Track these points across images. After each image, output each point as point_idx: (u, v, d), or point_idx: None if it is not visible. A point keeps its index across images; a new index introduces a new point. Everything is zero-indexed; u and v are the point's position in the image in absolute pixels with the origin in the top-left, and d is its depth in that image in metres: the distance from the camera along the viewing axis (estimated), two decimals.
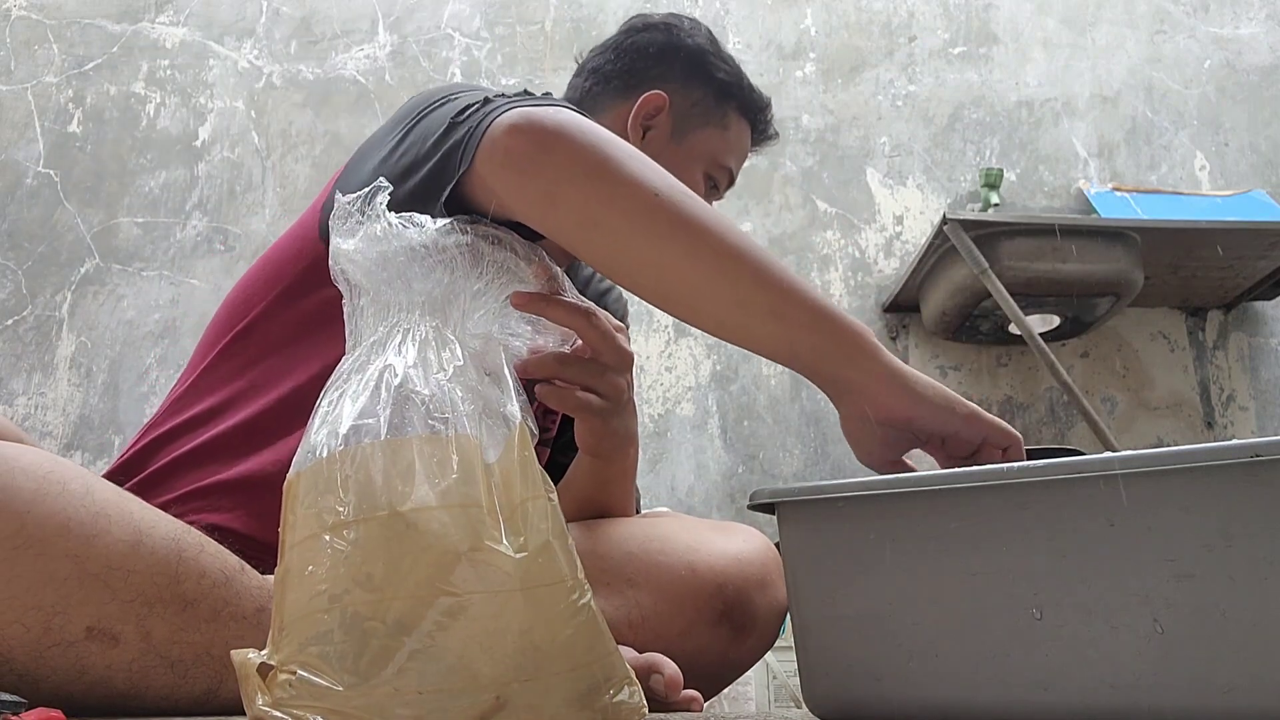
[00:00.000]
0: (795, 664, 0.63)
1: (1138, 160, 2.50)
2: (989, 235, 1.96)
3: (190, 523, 0.69)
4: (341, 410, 0.52)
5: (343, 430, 0.51)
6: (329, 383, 0.54)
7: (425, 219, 0.60)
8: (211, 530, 0.70)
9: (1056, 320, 2.14)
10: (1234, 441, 0.47)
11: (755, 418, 2.25)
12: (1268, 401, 2.36)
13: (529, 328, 0.66)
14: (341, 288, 0.59)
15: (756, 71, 2.50)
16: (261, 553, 0.70)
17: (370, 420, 0.51)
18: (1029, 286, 1.98)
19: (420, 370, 0.54)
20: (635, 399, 0.86)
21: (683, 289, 0.66)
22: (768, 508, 0.63)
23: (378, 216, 0.59)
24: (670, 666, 0.73)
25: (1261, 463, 0.46)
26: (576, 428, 0.79)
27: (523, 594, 0.48)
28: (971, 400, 0.67)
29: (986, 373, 2.32)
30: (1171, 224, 2.06)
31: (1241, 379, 2.37)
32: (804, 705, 0.62)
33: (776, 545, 0.80)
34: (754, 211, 2.40)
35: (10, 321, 2.22)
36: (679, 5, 2.54)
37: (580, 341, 0.71)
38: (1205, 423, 2.33)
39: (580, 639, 0.51)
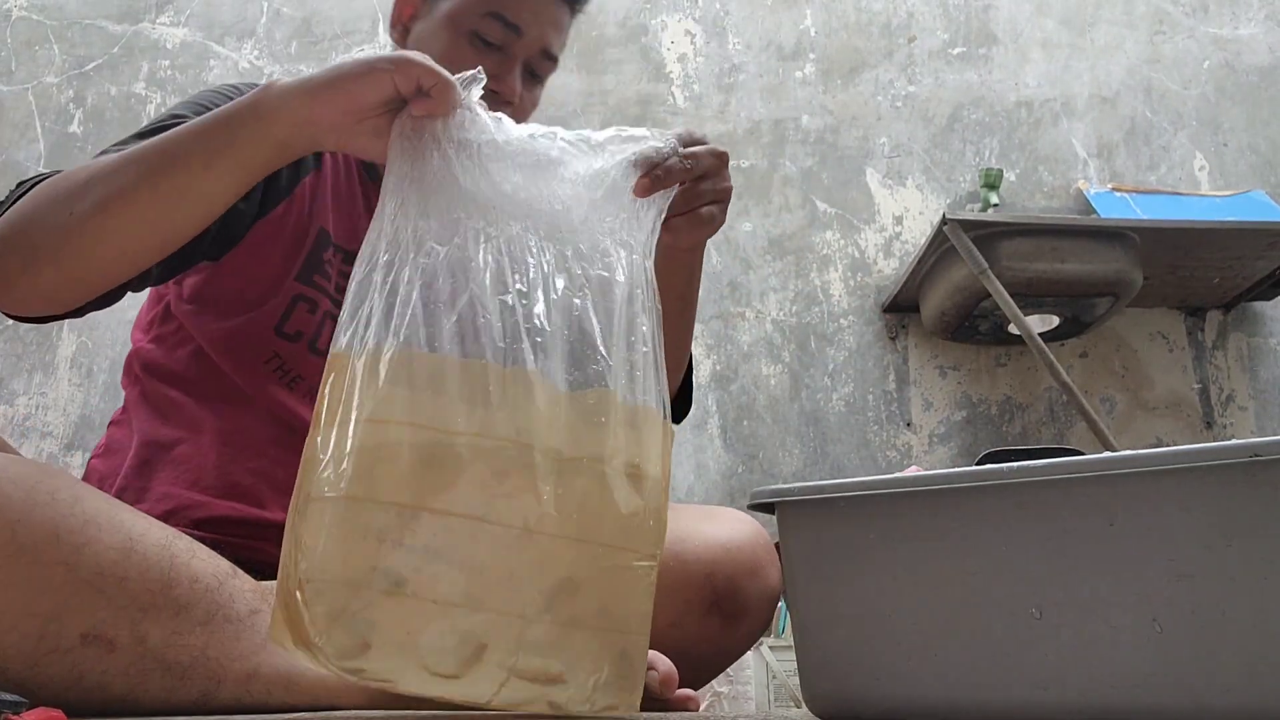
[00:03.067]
0: (795, 664, 0.63)
1: (1137, 160, 2.50)
2: (988, 235, 1.96)
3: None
4: (410, 308, 0.56)
5: (415, 333, 0.55)
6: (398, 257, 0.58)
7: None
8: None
9: (1056, 320, 2.14)
10: (1233, 442, 0.48)
11: (755, 417, 2.25)
12: (1267, 402, 2.36)
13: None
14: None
15: (757, 73, 2.50)
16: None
17: (449, 328, 0.56)
18: (1028, 287, 1.99)
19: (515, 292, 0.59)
20: None
21: (145, 233, 0.68)
22: (768, 508, 0.63)
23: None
24: (665, 663, 0.73)
25: (1261, 463, 0.47)
26: (682, 240, 0.76)
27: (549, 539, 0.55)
28: (971, 400, 0.67)
29: (986, 373, 2.32)
30: (1171, 224, 2.06)
31: (1241, 379, 2.37)
32: (804, 705, 0.62)
33: (777, 545, 0.80)
34: (754, 212, 2.40)
35: (11, 321, 2.22)
36: (678, 5, 2.54)
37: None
38: (1204, 423, 2.33)
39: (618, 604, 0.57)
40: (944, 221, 1.94)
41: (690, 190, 0.72)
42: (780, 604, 1.91)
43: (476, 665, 0.53)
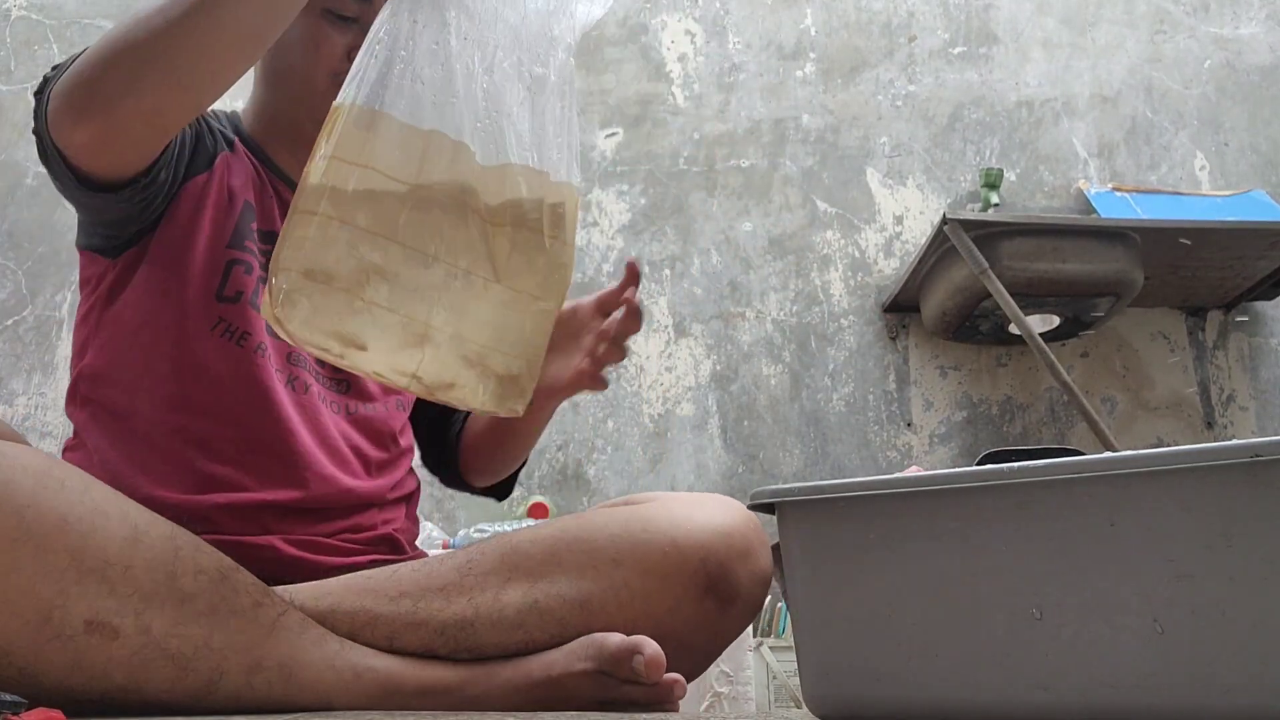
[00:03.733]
0: (795, 664, 0.63)
1: (1138, 160, 2.50)
2: (989, 235, 1.96)
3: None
4: (409, 74, 0.72)
5: (388, 99, 0.72)
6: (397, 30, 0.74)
7: None
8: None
9: (1056, 320, 2.14)
10: (1234, 442, 0.48)
11: (755, 417, 2.25)
12: (1267, 402, 2.36)
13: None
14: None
15: (757, 72, 2.50)
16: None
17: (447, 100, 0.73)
18: (1029, 286, 1.99)
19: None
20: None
21: (238, 31, 0.76)
22: (768, 508, 0.63)
23: None
24: (651, 646, 0.74)
25: (1261, 463, 0.46)
26: (582, 384, 0.93)
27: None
28: (972, 400, 0.67)
29: (986, 373, 2.32)
30: (1171, 224, 2.06)
31: (1241, 379, 2.37)
32: (804, 705, 0.62)
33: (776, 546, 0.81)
34: (754, 212, 2.40)
35: (10, 321, 2.22)
36: (679, 5, 2.54)
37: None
38: (1205, 423, 2.33)
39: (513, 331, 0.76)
40: (944, 221, 1.94)
41: (614, 348, 0.90)
42: (780, 604, 1.91)
43: (411, 350, 0.73)
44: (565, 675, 0.76)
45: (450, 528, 2.03)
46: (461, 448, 1.07)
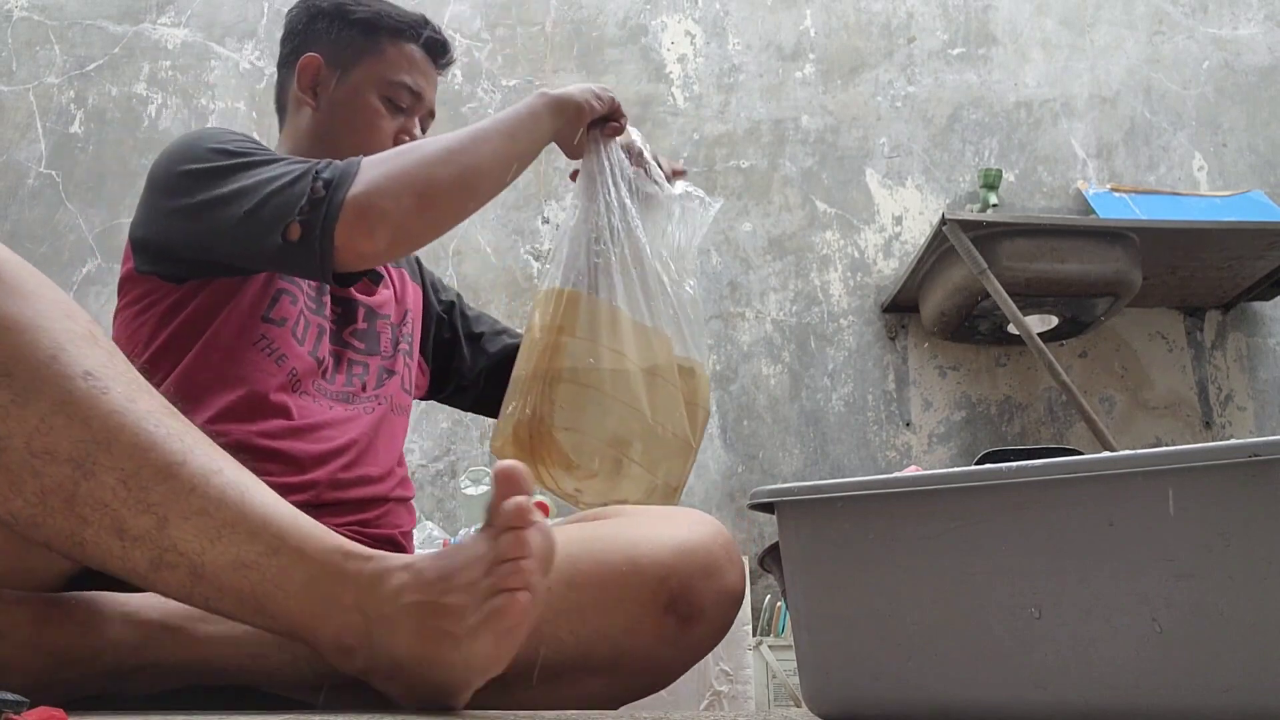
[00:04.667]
0: (795, 664, 0.63)
1: (1136, 161, 2.50)
2: (988, 236, 1.96)
3: None
4: (624, 274, 1.03)
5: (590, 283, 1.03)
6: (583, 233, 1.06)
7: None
8: None
9: (1055, 320, 2.14)
10: (1232, 442, 0.48)
11: (755, 417, 2.25)
12: (1266, 401, 2.36)
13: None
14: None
15: (757, 73, 2.50)
16: None
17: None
18: (1028, 287, 1.99)
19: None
20: None
21: (476, 179, 0.98)
22: (768, 507, 0.63)
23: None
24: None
25: (1260, 463, 0.47)
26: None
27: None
28: (970, 400, 0.68)
29: (985, 373, 2.32)
30: (1170, 224, 2.06)
31: (1240, 379, 2.37)
32: (804, 704, 0.62)
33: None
34: (754, 212, 2.40)
35: None
36: (679, 5, 2.54)
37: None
38: (1203, 423, 2.33)
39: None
40: (943, 221, 1.95)
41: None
42: (780, 603, 1.91)
43: (619, 482, 0.99)
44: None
45: (450, 527, 2.03)
46: None
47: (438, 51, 1.15)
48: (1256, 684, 0.46)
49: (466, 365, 1.22)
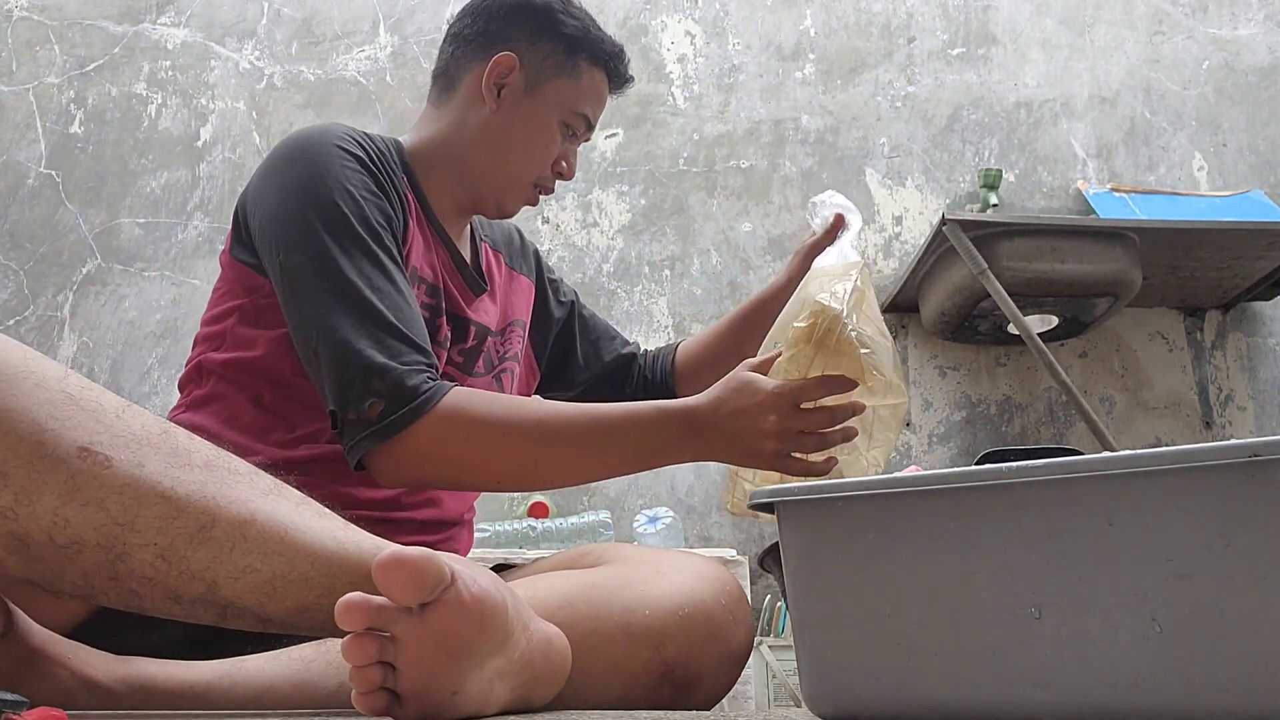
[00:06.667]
0: (795, 664, 0.63)
1: (1136, 161, 2.50)
2: (988, 236, 1.96)
3: None
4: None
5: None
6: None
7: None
8: None
9: (1055, 320, 2.14)
10: (1232, 441, 0.48)
11: None
12: (1266, 401, 2.36)
13: None
14: None
15: (757, 73, 2.50)
16: None
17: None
18: (1028, 287, 1.99)
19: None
20: None
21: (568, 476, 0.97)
22: (768, 507, 0.63)
23: None
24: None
25: (1260, 463, 0.47)
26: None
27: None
28: (970, 400, 0.68)
29: (985, 373, 2.32)
30: (1170, 224, 2.06)
31: (1240, 379, 2.37)
32: (804, 704, 0.62)
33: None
34: (753, 212, 2.40)
35: (12, 322, 2.22)
36: (678, 5, 2.54)
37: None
38: (1203, 422, 2.33)
39: None
40: (943, 222, 1.95)
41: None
42: (780, 603, 1.91)
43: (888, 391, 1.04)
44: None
45: None
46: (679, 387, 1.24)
47: (621, 87, 1.11)
48: (1256, 684, 0.46)
49: (579, 371, 1.21)
